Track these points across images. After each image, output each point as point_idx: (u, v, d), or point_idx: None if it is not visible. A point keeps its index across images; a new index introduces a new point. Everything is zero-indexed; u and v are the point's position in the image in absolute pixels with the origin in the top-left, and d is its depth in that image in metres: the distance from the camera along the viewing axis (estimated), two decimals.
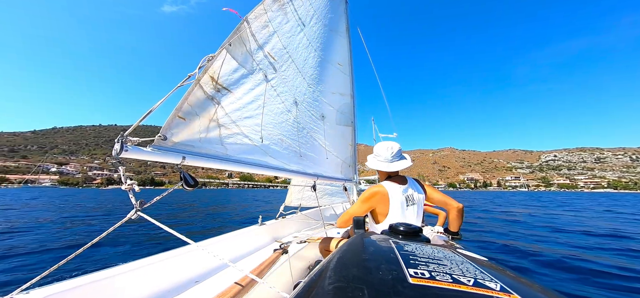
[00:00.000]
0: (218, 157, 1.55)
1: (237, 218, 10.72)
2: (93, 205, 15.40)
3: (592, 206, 17.82)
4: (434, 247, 0.63)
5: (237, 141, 1.68)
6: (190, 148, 1.38)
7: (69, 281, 1.06)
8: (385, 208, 1.51)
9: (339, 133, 2.95)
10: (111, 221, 9.06)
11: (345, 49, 3.23)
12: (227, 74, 1.63)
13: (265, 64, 1.94)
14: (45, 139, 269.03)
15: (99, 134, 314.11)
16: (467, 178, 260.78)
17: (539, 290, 0.44)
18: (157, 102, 1.20)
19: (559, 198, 34.00)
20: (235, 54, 1.69)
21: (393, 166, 1.61)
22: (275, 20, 2.07)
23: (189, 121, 1.39)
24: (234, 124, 1.67)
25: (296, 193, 3.85)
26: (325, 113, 2.69)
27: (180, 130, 1.34)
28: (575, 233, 6.95)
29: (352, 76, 3.33)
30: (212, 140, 1.52)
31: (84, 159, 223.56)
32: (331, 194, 4.61)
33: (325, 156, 2.62)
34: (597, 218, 10.73)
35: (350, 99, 3.21)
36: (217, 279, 1.47)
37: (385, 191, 1.52)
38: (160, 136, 1.23)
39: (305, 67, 2.42)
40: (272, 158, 1.93)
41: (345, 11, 3.40)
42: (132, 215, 1.08)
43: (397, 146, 1.66)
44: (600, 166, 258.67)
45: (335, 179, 2.76)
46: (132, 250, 4.69)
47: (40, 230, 6.83)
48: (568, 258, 4.31)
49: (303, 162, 2.25)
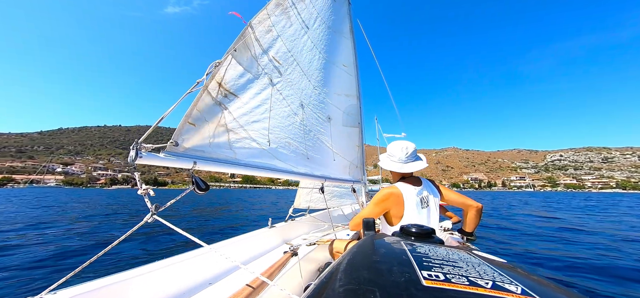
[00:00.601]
0: (228, 161, 1.57)
1: (241, 217, 10.79)
2: (102, 204, 15.64)
3: (630, 210, 15.00)
4: (448, 249, 0.61)
5: (246, 145, 1.70)
6: (201, 153, 1.40)
7: (92, 282, 1.10)
8: (400, 210, 1.46)
9: (346, 135, 2.94)
10: (112, 221, 9.20)
11: (349, 50, 3.22)
12: (234, 79, 1.65)
13: (271, 68, 1.95)
14: (52, 140, 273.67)
15: (104, 135, 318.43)
16: (471, 178, 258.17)
17: (563, 293, 0.42)
18: (168, 110, 1.22)
19: (576, 200, 29.75)
20: (240, 59, 1.70)
21: (407, 167, 1.55)
22: (279, 24, 2.08)
23: (199, 126, 1.41)
24: (242, 128, 1.68)
25: (304, 195, 3.85)
26: (332, 115, 2.69)
27: (190, 136, 1.36)
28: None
29: (357, 76, 3.32)
30: (222, 145, 1.54)
31: (88, 160, 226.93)
32: (340, 196, 4.61)
33: (332, 157, 2.63)
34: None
35: (356, 100, 3.20)
36: (230, 281, 1.49)
37: (399, 193, 1.48)
38: (172, 142, 1.25)
39: (310, 69, 2.42)
40: (280, 161, 1.94)
41: (349, 12, 3.39)
42: (148, 219, 1.10)
43: (413, 146, 1.59)
44: (608, 166, 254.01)
45: (343, 181, 2.75)
46: (150, 249, 4.77)
47: (50, 229, 6.96)
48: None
49: (310, 164, 2.25)
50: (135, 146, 1.05)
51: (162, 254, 4.62)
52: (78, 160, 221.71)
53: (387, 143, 9.42)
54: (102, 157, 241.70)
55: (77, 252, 4.72)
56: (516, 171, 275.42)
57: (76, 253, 4.67)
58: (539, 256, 4.63)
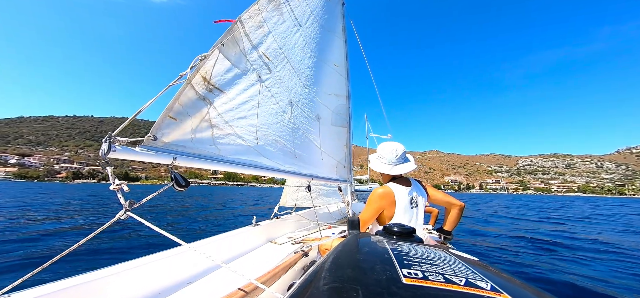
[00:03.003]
0: (210, 157, 1.50)
1: (223, 215, 10.46)
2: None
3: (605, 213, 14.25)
4: (427, 247, 0.64)
5: (230, 141, 1.64)
6: (182, 149, 1.33)
7: (55, 283, 1.00)
8: (392, 210, 1.47)
9: (334, 134, 2.95)
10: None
11: (341, 50, 3.23)
12: (220, 74, 1.59)
13: (260, 64, 1.90)
14: (9, 129, 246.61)
15: (73, 125, 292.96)
16: (451, 180, 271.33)
17: (530, 290, 0.45)
18: (147, 103, 1.14)
19: (552, 203, 29.60)
20: (228, 54, 1.64)
21: (397, 169, 1.57)
22: (271, 20, 2.03)
23: (180, 121, 1.34)
24: (227, 124, 1.62)
25: (291, 193, 3.82)
26: (321, 114, 2.68)
27: (171, 130, 1.28)
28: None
29: (348, 77, 3.34)
30: (204, 140, 1.47)
31: (52, 151, 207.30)
32: (326, 195, 4.62)
33: (320, 156, 2.62)
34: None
35: (345, 100, 3.22)
36: (210, 280, 1.43)
37: (392, 193, 1.49)
38: (150, 136, 1.17)
39: (301, 67, 2.39)
40: (267, 158, 1.90)
41: (342, 12, 3.40)
42: (121, 216, 1.03)
43: (402, 148, 1.61)
44: (570, 172, 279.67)
45: (331, 180, 2.76)
46: (125, 248, 4.44)
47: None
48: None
49: (298, 163, 2.23)
50: (108, 139, 0.97)
51: (135, 253, 4.35)
52: (39, 151, 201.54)
53: (376, 143, 9.63)
54: (69, 148, 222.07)
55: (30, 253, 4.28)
56: (492, 174, 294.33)
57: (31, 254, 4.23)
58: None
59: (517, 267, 4.16)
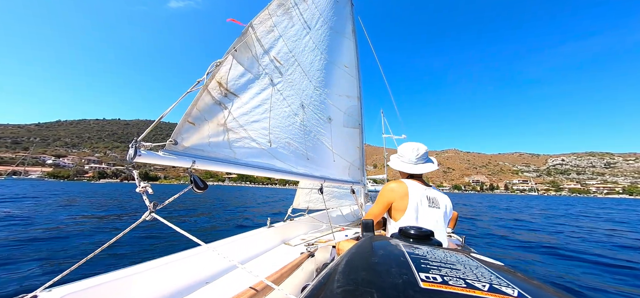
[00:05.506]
0: (227, 160, 1.56)
1: (239, 216, 10.78)
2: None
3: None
4: (446, 251, 0.61)
5: (245, 144, 1.69)
6: (200, 152, 1.40)
7: (87, 280, 1.09)
8: (404, 203, 1.43)
9: (346, 135, 2.94)
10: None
11: (351, 51, 3.21)
12: (234, 79, 1.65)
13: (271, 68, 1.94)
14: (49, 132, 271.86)
15: (102, 128, 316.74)
16: (473, 181, 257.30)
17: (560, 297, 0.42)
18: (168, 109, 1.21)
19: (607, 205, 25.88)
20: (241, 59, 1.70)
21: (417, 168, 1.54)
22: (281, 24, 2.07)
23: (198, 125, 1.40)
24: (242, 128, 1.68)
25: (304, 195, 3.85)
26: (332, 116, 2.68)
27: (190, 135, 1.35)
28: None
29: (358, 78, 3.31)
30: (221, 144, 1.54)
31: (85, 152, 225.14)
32: (339, 197, 4.60)
33: (332, 158, 2.62)
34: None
35: (357, 101, 3.19)
36: (227, 280, 1.49)
37: (405, 186, 1.46)
38: (171, 140, 1.25)
39: (312, 70, 2.41)
40: (279, 161, 1.94)
41: (351, 13, 3.37)
42: (146, 217, 1.10)
43: (424, 148, 1.58)
44: (611, 172, 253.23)
45: (343, 182, 2.75)
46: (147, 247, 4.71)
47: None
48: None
49: (310, 165, 2.25)
50: (134, 145, 1.04)
51: (158, 252, 4.61)
52: (73, 153, 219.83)
53: (393, 143, 9.30)
54: (99, 150, 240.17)
55: (67, 250, 4.68)
56: (518, 174, 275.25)
57: (66, 251, 4.63)
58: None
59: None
